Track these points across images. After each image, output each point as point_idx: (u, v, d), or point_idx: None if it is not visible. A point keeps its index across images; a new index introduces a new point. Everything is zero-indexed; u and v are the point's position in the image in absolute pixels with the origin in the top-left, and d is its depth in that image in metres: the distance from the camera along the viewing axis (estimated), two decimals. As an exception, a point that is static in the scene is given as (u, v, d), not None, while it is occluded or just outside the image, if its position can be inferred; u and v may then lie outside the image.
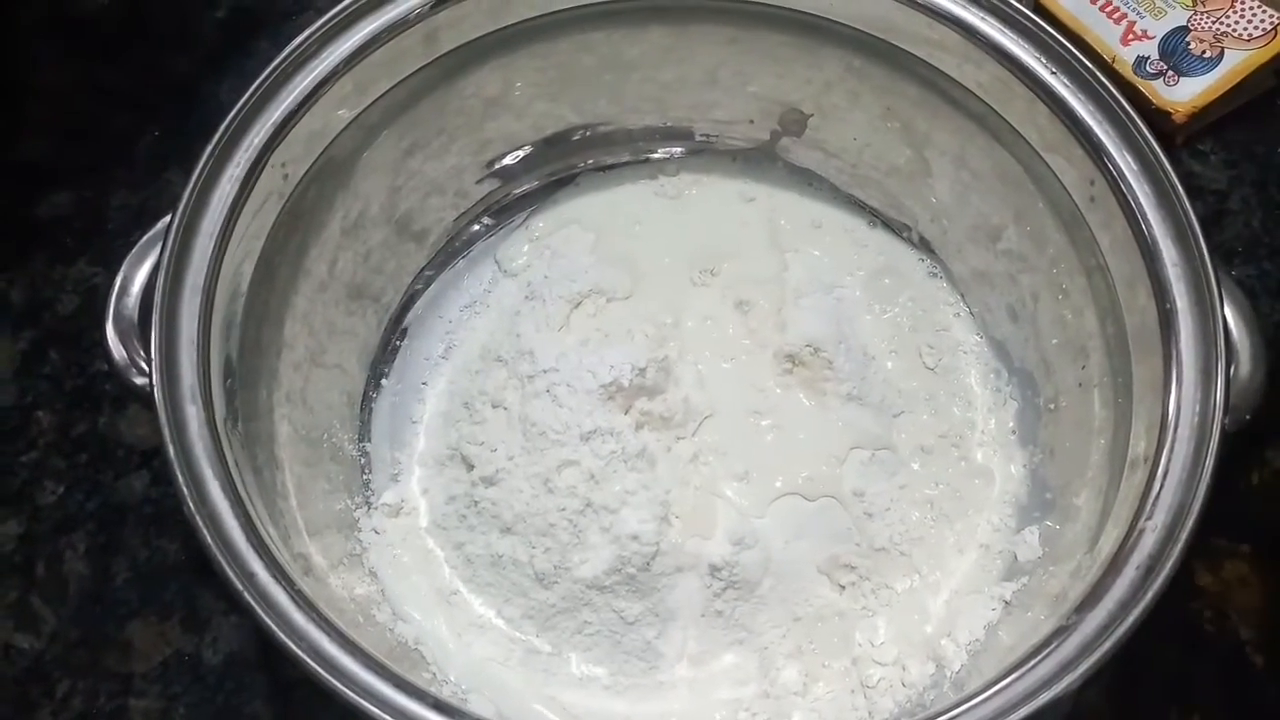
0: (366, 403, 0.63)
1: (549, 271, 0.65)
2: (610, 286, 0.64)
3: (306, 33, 0.53)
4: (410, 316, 0.66)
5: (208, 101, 0.72)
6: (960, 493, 0.60)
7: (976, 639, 0.55)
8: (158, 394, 0.47)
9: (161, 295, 0.48)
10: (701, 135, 0.67)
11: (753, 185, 0.68)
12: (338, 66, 0.53)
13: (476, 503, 0.57)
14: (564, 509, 0.55)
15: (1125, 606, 0.44)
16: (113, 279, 0.50)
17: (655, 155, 0.68)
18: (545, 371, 0.58)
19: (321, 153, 0.55)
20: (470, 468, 0.58)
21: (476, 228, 0.67)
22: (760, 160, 0.68)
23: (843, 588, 0.58)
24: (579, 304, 0.64)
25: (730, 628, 0.57)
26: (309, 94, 0.53)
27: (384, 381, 0.64)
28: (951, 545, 0.59)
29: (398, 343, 0.65)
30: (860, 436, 0.61)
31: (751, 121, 0.66)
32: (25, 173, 0.71)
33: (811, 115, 0.64)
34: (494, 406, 0.59)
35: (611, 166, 0.69)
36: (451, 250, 0.67)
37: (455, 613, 0.57)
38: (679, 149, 0.68)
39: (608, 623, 0.56)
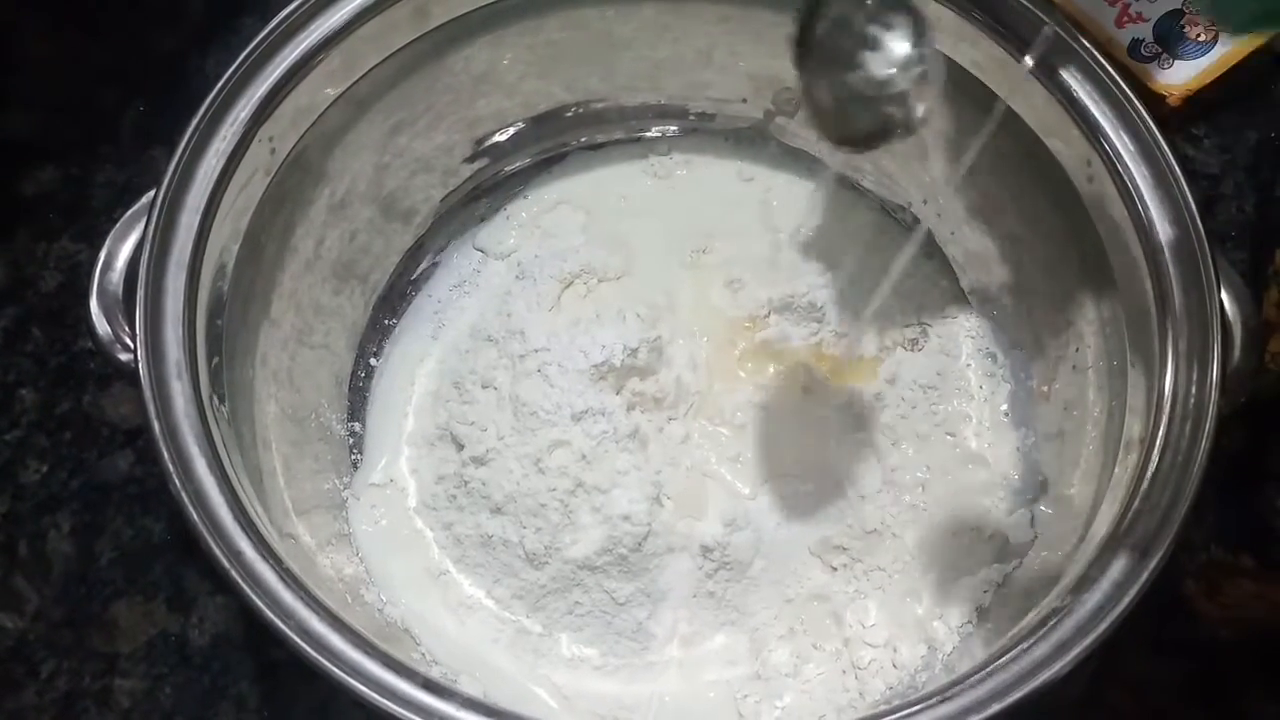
0: (354, 382, 0.63)
1: (539, 251, 0.65)
2: (601, 266, 0.64)
3: (294, 4, 0.52)
4: (398, 296, 0.65)
5: (193, 77, 0.71)
6: (952, 475, 0.60)
7: (968, 621, 0.55)
8: (142, 369, 0.46)
9: (146, 270, 0.47)
10: (695, 114, 0.67)
11: (746, 165, 0.67)
12: (326, 40, 0.52)
13: (466, 482, 0.57)
14: (555, 489, 0.55)
15: (1121, 588, 0.44)
16: (96, 256, 0.50)
17: (649, 134, 0.68)
18: (536, 351, 0.58)
19: (309, 128, 0.54)
20: (460, 447, 0.58)
21: (467, 205, 0.67)
22: (754, 140, 0.67)
23: (834, 569, 0.58)
24: (570, 284, 0.63)
25: (721, 609, 0.57)
26: (297, 67, 0.52)
27: (372, 361, 0.64)
28: (943, 528, 0.59)
29: (386, 322, 0.65)
30: (852, 417, 0.60)
31: (745, 100, 0.65)
32: (8, 148, 0.70)
33: (805, 95, 0.64)
34: (484, 386, 0.58)
35: (602, 145, 0.68)
36: (440, 229, 0.66)
37: (445, 593, 0.57)
38: (673, 128, 0.68)
39: (599, 603, 0.56)
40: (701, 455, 0.59)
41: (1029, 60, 0.47)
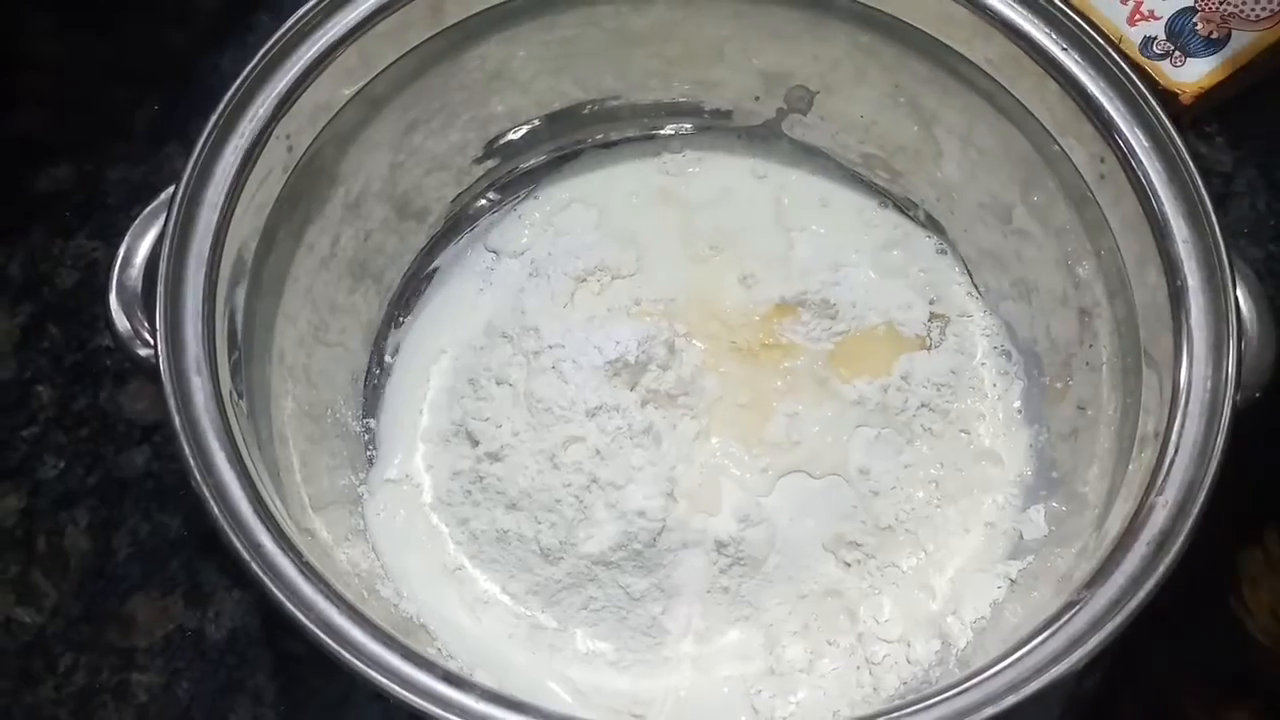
0: (370, 379, 0.63)
1: (553, 248, 0.65)
2: (615, 263, 0.64)
3: (311, 1, 0.52)
4: (412, 294, 0.65)
5: (207, 75, 0.71)
6: (966, 472, 0.60)
7: (982, 616, 0.55)
8: (163, 364, 0.46)
9: (166, 265, 0.48)
10: (708, 111, 0.67)
11: (758, 163, 0.67)
12: (343, 37, 0.53)
13: (481, 478, 0.57)
14: (570, 485, 0.55)
15: (1136, 582, 0.44)
16: (112, 253, 0.50)
17: (662, 132, 0.68)
18: (551, 348, 0.58)
19: (325, 126, 0.54)
20: (475, 444, 0.58)
21: (480, 203, 0.67)
22: (766, 137, 0.67)
23: (848, 565, 0.58)
24: (584, 281, 0.63)
25: (736, 604, 0.57)
26: (314, 64, 0.52)
27: (387, 358, 0.64)
28: (957, 523, 0.59)
29: (401, 319, 0.65)
30: (866, 414, 0.60)
31: (757, 98, 0.65)
32: (23, 146, 0.70)
33: (818, 92, 0.64)
34: (499, 383, 0.59)
35: (615, 143, 0.68)
36: (454, 227, 0.67)
37: (460, 588, 0.57)
38: (686, 125, 0.68)
39: (613, 599, 0.56)
40: (715, 451, 0.59)
41: None
